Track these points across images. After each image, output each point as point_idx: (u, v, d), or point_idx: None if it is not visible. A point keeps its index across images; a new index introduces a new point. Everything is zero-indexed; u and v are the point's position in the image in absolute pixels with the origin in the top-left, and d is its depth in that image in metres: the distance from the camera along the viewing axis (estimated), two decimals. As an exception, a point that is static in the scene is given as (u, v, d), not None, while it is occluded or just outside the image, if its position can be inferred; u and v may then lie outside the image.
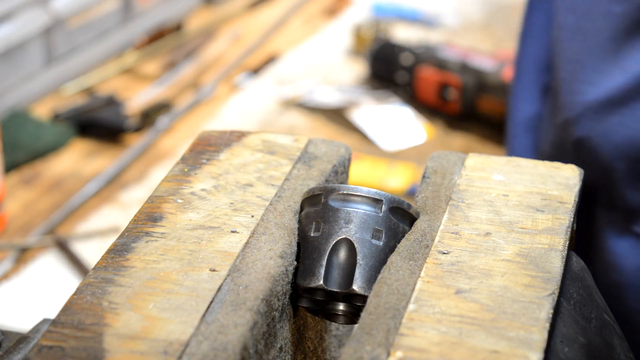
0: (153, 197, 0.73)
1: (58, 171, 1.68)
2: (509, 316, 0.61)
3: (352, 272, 0.68)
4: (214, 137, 0.80)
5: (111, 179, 1.65)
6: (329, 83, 1.92)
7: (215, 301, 0.63)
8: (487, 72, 1.71)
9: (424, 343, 0.59)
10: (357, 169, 1.61)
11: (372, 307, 0.63)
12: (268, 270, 0.66)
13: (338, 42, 2.06)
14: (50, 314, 0.77)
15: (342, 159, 0.79)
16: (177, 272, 0.65)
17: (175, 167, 0.76)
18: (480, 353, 0.58)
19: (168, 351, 0.58)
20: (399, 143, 1.73)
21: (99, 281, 0.64)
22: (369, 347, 0.59)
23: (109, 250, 0.67)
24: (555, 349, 0.64)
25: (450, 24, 2.11)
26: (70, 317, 0.61)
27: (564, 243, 0.68)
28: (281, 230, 0.70)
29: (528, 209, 0.71)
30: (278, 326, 0.66)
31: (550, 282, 0.64)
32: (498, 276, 0.64)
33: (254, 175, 0.75)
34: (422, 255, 0.67)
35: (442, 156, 0.78)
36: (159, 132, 1.79)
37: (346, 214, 0.69)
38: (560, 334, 0.66)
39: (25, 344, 0.73)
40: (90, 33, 1.97)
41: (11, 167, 1.65)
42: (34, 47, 1.83)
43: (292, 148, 0.79)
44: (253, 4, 2.25)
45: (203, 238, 0.68)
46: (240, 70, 2.00)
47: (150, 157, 1.73)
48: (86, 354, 0.58)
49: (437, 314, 0.61)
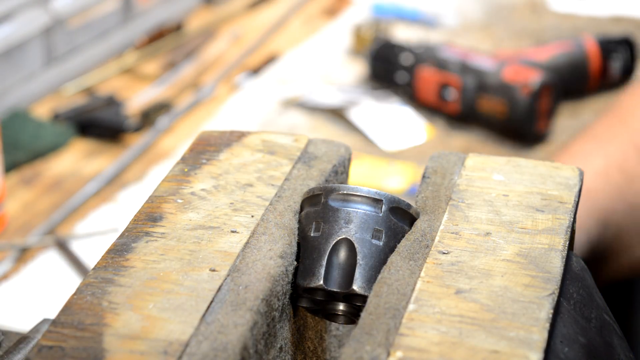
0: (153, 197, 0.73)
1: (58, 171, 1.68)
2: (509, 316, 0.61)
3: (352, 272, 0.68)
4: (214, 137, 0.80)
5: (111, 179, 1.65)
6: (329, 83, 1.92)
7: (215, 301, 0.63)
8: (487, 72, 1.71)
9: (424, 343, 0.59)
10: (357, 169, 1.61)
11: (372, 307, 0.63)
12: (268, 270, 0.66)
13: (338, 42, 2.06)
14: (50, 314, 0.77)
15: (342, 159, 0.79)
16: (177, 272, 0.65)
17: (175, 167, 0.76)
18: (480, 353, 0.58)
19: (168, 351, 0.58)
20: (399, 143, 1.73)
21: (99, 281, 0.64)
22: (369, 347, 0.59)
23: (109, 250, 0.67)
24: (555, 349, 0.64)
25: (450, 24, 2.11)
26: (70, 317, 0.61)
27: (564, 243, 0.68)
28: (281, 230, 0.70)
29: (528, 209, 0.71)
30: (278, 326, 0.66)
31: (550, 282, 0.64)
32: (498, 276, 0.64)
33: (254, 175, 0.75)
34: (422, 255, 0.67)
35: (442, 156, 0.78)
36: (159, 132, 1.79)
37: (346, 214, 0.69)
38: (560, 334, 0.66)
39: (25, 344, 0.73)
40: (90, 33, 1.97)
41: (11, 167, 1.65)
42: (34, 47, 1.83)
43: (292, 148, 0.79)
44: (253, 4, 2.25)
45: (203, 238, 0.68)
46: (240, 70, 2.00)
47: (150, 157, 1.72)
48: (86, 354, 0.58)
49: (437, 314, 0.61)
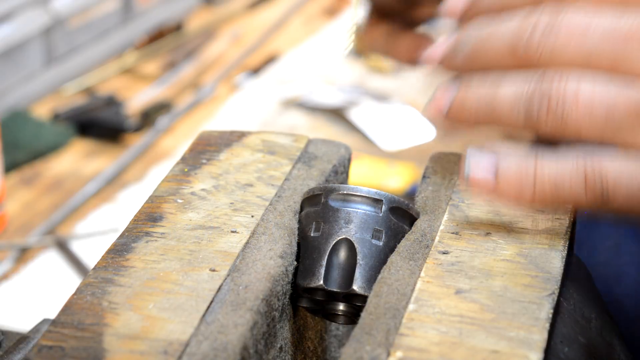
0: (153, 197, 0.73)
1: (58, 171, 1.68)
2: (509, 316, 0.61)
3: (352, 272, 0.68)
4: (214, 137, 0.80)
5: (111, 179, 1.66)
6: (329, 83, 1.92)
7: (215, 301, 0.63)
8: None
9: (424, 343, 0.59)
10: (357, 169, 1.61)
11: (372, 307, 0.63)
12: (268, 270, 0.66)
13: (338, 42, 2.06)
14: (50, 314, 0.77)
15: (342, 159, 0.79)
16: (177, 272, 0.65)
17: (175, 167, 0.76)
18: (480, 353, 0.58)
19: (168, 351, 0.58)
20: (399, 143, 1.73)
21: (99, 281, 0.64)
22: (369, 347, 0.59)
23: (109, 250, 0.67)
24: (555, 349, 0.64)
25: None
26: (70, 317, 0.61)
27: (564, 243, 0.68)
28: (281, 230, 0.70)
29: (528, 209, 0.71)
30: (278, 326, 0.66)
31: (550, 282, 0.64)
32: (498, 276, 0.64)
33: (254, 175, 0.75)
34: (422, 255, 0.67)
35: (442, 156, 0.78)
36: (159, 132, 1.79)
37: (346, 214, 0.69)
38: (560, 334, 0.66)
39: (25, 344, 0.73)
40: (90, 33, 1.97)
41: (11, 167, 1.65)
42: (34, 47, 1.83)
43: (292, 148, 0.79)
44: (253, 4, 2.25)
45: (203, 238, 0.68)
46: (240, 70, 2.00)
47: (150, 157, 1.73)
48: (86, 354, 0.58)
49: (437, 314, 0.61)
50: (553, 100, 0.64)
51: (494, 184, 0.65)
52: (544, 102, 0.64)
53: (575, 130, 0.64)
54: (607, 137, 0.64)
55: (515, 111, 0.65)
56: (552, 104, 0.64)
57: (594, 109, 0.64)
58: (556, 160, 0.64)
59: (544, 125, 0.64)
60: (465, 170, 0.66)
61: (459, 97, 0.68)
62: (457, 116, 0.68)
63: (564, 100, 0.64)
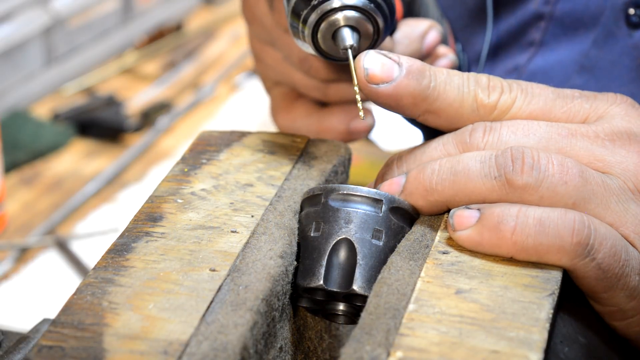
0: (153, 197, 0.73)
1: (58, 171, 1.68)
2: (509, 316, 0.61)
3: (352, 272, 0.68)
4: (214, 137, 0.80)
5: (111, 179, 1.66)
6: (329, 83, 1.91)
7: (215, 301, 0.63)
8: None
9: (424, 343, 0.59)
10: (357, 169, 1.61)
11: (372, 307, 0.63)
12: (268, 270, 0.66)
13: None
14: (50, 314, 0.77)
15: (342, 159, 0.79)
16: (177, 272, 0.65)
17: (175, 167, 0.76)
18: (480, 353, 0.58)
19: (168, 351, 0.58)
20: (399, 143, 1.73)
21: (99, 281, 0.64)
22: (369, 347, 0.59)
23: (109, 250, 0.67)
24: (555, 349, 0.64)
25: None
26: (70, 317, 0.61)
27: (564, 243, 0.68)
28: (281, 230, 0.70)
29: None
30: (278, 326, 0.66)
31: (550, 282, 0.64)
32: (498, 276, 0.64)
33: (254, 175, 0.75)
34: (422, 255, 0.67)
35: (442, 156, 0.78)
36: (159, 132, 1.79)
37: (346, 214, 0.69)
38: (560, 334, 0.66)
39: (25, 344, 0.73)
40: (90, 33, 1.97)
41: (11, 167, 1.65)
42: (34, 47, 1.84)
43: (292, 148, 0.79)
44: (253, 4, 2.25)
45: (203, 238, 0.68)
46: (240, 70, 2.00)
47: (150, 157, 1.73)
48: (86, 354, 0.58)
49: (437, 314, 0.61)
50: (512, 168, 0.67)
51: (475, 222, 0.66)
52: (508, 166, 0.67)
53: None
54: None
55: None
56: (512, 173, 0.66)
57: None
58: (542, 208, 0.65)
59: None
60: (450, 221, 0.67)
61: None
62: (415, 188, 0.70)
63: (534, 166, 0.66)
